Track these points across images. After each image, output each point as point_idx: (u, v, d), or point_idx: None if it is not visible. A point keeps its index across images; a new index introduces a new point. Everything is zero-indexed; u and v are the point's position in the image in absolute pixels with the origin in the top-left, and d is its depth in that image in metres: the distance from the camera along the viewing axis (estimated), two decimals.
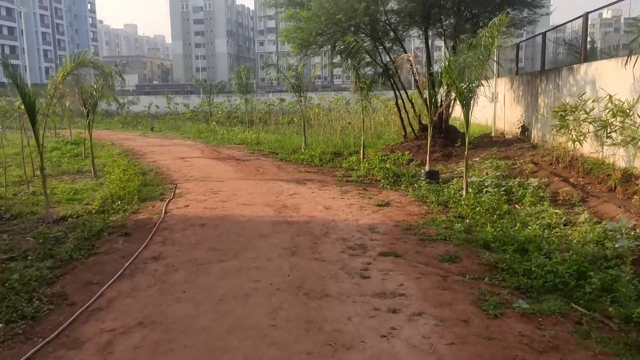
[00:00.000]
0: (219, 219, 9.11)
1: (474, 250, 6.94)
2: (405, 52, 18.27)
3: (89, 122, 15.10)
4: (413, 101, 18.58)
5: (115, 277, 6.16)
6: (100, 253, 7.33)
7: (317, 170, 15.29)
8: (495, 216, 8.48)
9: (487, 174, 12.41)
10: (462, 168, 14.36)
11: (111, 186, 12.11)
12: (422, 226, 8.23)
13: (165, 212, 9.82)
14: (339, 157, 18.10)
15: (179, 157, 19.34)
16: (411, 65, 12.58)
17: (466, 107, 10.73)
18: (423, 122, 18.31)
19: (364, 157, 16.29)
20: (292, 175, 14.28)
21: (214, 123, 31.41)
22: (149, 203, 10.88)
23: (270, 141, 23.16)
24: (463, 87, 10.71)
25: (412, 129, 18.03)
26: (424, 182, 12.11)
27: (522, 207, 9.41)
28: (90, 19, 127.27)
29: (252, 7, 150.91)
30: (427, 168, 12.61)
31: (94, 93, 14.61)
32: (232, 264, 6.56)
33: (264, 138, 24.31)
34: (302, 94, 20.81)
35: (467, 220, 8.56)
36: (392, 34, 18.13)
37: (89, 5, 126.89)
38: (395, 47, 18.67)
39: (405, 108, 17.98)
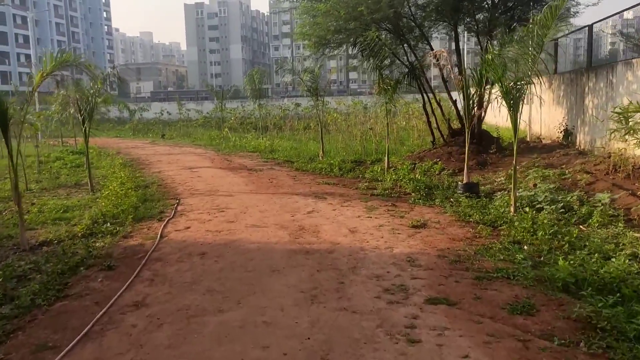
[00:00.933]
0: (223, 246, 7.57)
1: (551, 294, 5.29)
2: (432, 49, 16.66)
3: (85, 131, 13.68)
4: (441, 104, 16.94)
5: (78, 338, 4.63)
6: (71, 296, 5.82)
7: (338, 182, 13.71)
8: (565, 243, 6.80)
9: (535, 186, 10.70)
10: (501, 178, 12.69)
11: (104, 203, 10.66)
12: (474, 257, 6.58)
13: (161, 237, 8.31)
14: (361, 166, 16.53)
15: (186, 167, 17.91)
16: (445, 62, 10.95)
17: (514, 109, 9.09)
18: (453, 126, 16.65)
19: (389, 166, 14.68)
20: (310, 188, 12.71)
21: (226, 130, 30.06)
22: (145, 224, 9.39)
23: (285, 148, 21.66)
24: (510, 85, 9.07)
25: (441, 134, 16.37)
26: (462, 196, 10.49)
27: (589, 229, 7.72)
28: (105, 27, 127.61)
29: (266, 12, 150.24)
30: (464, 179, 10.95)
31: (90, 99, 13.19)
32: (233, 316, 4.99)
33: (279, 145, 22.82)
34: (319, 98, 19.30)
35: (526, 247, 6.91)
36: (416, 30, 16.54)
37: (104, 13, 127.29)
38: (420, 45, 17.07)
39: (433, 112, 16.33)
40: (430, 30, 17.03)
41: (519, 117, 9.20)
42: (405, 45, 16.20)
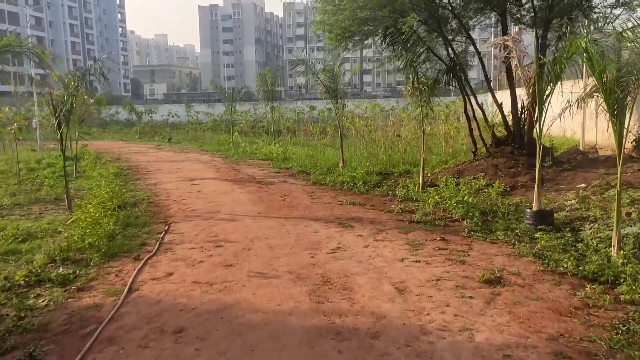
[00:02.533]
0: (212, 315, 5.16)
1: None
2: (474, 44, 14.17)
3: (61, 136, 11.38)
4: (482, 108, 14.44)
5: None
6: None
7: (364, 201, 11.28)
8: None
9: (629, 215, 8.17)
10: (572, 201, 10.17)
11: (72, 232, 8.33)
12: (610, 354, 4.11)
13: (131, 290, 5.96)
14: (388, 179, 14.13)
15: (188, 177, 15.60)
16: (510, 52, 8.45)
17: (620, 113, 6.61)
18: (497, 134, 14.14)
19: (424, 182, 12.23)
20: (332, 210, 10.30)
21: (236, 134, 27.79)
22: (117, 264, 7.06)
23: (300, 156, 19.29)
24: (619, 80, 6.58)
25: (484, 144, 13.85)
26: (531, 227, 8.04)
27: None
28: (120, 28, 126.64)
29: (280, 15, 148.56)
30: (535, 205, 8.45)
31: (67, 99, 10.91)
32: None
33: (293, 152, 20.46)
34: (338, 100, 16.91)
35: None
36: (454, 22, 14.11)
37: (119, 15, 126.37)
38: (457, 39, 14.61)
39: (474, 116, 13.82)
40: (470, 22, 14.55)
41: (576, 123, 6.72)
42: (441, 38, 13.74)
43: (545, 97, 8.10)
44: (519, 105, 13.39)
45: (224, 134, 31.78)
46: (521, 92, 14.49)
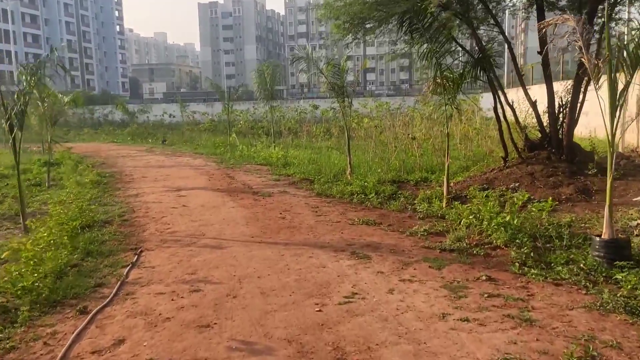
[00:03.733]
0: None
1: None
2: (502, 32, 12.26)
3: (13, 140, 9.48)
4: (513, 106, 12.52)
5: None
6: None
7: (379, 219, 9.40)
8: None
9: None
10: (637, 220, 8.29)
11: (5, 269, 6.43)
12: None
13: None
14: (403, 188, 12.32)
15: (174, 187, 13.73)
16: (579, 36, 6.52)
17: None
18: (530, 137, 12.25)
19: (449, 194, 10.36)
20: (341, 233, 8.42)
21: (233, 135, 25.93)
22: (53, 320, 5.21)
23: (302, 161, 17.40)
24: None
25: (515, 148, 11.93)
26: (601, 261, 6.19)
27: None
28: (117, 26, 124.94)
29: (282, 12, 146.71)
30: (605, 232, 6.55)
31: (18, 98, 9.02)
32: None
33: (294, 156, 18.57)
34: (345, 99, 15.01)
35: None
36: (480, 7, 12.23)
37: (116, 12, 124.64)
38: (482, 28, 12.72)
39: (504, 116, 11.89)
40: (498, 7, 12.65)
41: None
42: (465, 26, 11.86)
43: (623, 89, 6.21)
44: (557, 103, 11.52)
45: (222, 135, 29.92)
46: (557, 87, 12.63)
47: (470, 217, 8.34)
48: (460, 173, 13.70)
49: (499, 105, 11.61)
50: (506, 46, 12.18)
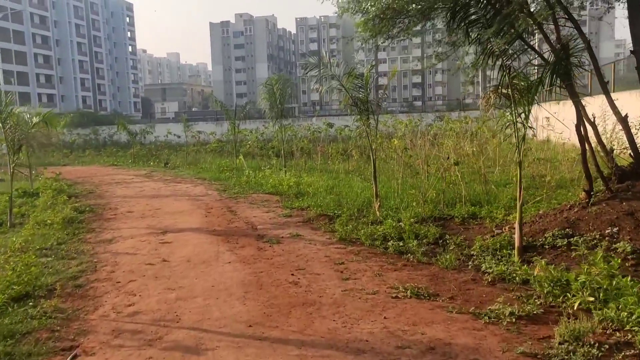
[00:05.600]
0: None
1: None
2: (578, 28, 9.47)
3: None
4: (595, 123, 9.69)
5: None
6: None
7: (431, 283, 6.62)
8: None
9: None
10: None
11: None
12: None
13: None
14: (447, 227, 9.61)
15: (161, 227, 11.05)
16: None
17: None
18: (619, 163, 9.39)
19: (522, 246, 7.55)
20: (383, 317, 5.60)
21: (241, 157, 23.30)
22: None
23: (318, 189, 14.67)
24: None
25: (601, 176, 9.05)
26: None
27: None
28: (130, 46, 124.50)
29: (293, 31, 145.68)
30: None
31: None
32: None
33: (308, 183, 15.83)
34: (370, 115, 12.33)
35: None
36: None
37: (129, 33, 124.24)
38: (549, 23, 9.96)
39: (586, 135, 9.03)
40: None
41: None
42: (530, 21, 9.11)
43: None
44: None
45: (229, 156, 27.32)
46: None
47: (585, 294, 5.48)
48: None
49: (576, 119, 8.77)
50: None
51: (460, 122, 21.99)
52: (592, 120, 9.07)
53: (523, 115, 7.60)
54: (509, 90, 7.61)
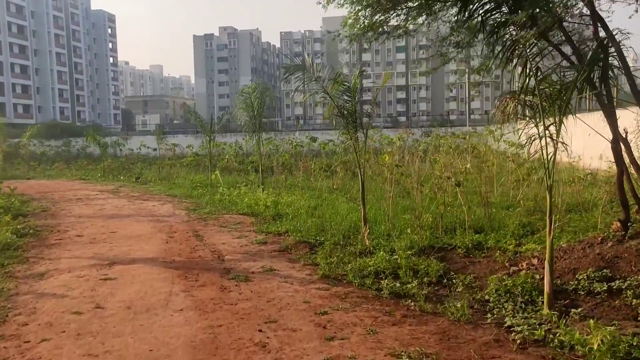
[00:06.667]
0: None
1: None
2: (606, 28, 8.02)
3: None
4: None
5: None
6: None
7: (442, 346, 4.98)
8: None
9: None
10: None
11: None
12: None
13: None
14: (450, 261, 8.05)
15: (110, 257, 9.25)
16: None
17: None
18: None
19: (552, 291, 5.96)
20: None
21: (216, 173, 21.52)
22: None
23: (298, 210, 13.01)
24: None
25: (638, 202, 7.54)
26: None
27: None
28: (111, 58, 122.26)
29: (277, 45, 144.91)
30: None
31: None
32: None
33: (288, 203, 14.16)
34: (359, 128, 10.78)
35: None
36: None
37: (110, 44, 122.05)
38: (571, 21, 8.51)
39: (621, 155, 7.53)
40: None
41: None
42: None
43: None
44: None
45: (205, 171, 25.49)
46: None
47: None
48: (529, 238, 9.32)
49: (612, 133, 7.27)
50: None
51: (457, 136, 20.58)
52: (624, 136, 7.59)
53: (552, 128, 6.05)
54: (534, 96, 6.09)
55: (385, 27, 8.49)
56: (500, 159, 18.73)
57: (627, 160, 7.69)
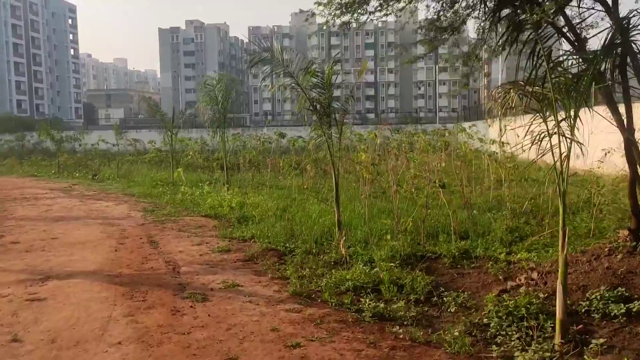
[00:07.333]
0: None
1: None
2: (616, 9, 7.17)
3: None
4: None
5: None
6: None
7: None
8: None
9: None
10: None
11: None
12: None
13: None
14: (437, 272, 7.19)
15: (45, 268, 7.96)
16: None
17: None
18: None
19: (565, 312, 5.04)
20: None
21: (179, 170, 20.13)
22: None
23: (266, 212, 11.91)
24: None
25: None
26: None
27: None
28: (72, 49, 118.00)
29: (246, 39, 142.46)
30: None
31: None
32: None
33: (255, 204, 13.03)
34: (332, 125, 9.76)
35: None
36: None
37: (71, 35, 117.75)
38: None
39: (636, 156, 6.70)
40: None
41: None
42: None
43: None
44: None
45: (168, 168, 24.01)
46: None
47: None
48: (521, 244, 8.49)
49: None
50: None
51: (436, 134, 19.78)
52: (632, 138, 6.74)
53: (565, 124, 5.12)
54: (544, 86, 5.15)
55: (365, 6, 7.48)
56: (476, 158, 18.03)
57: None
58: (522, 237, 9.08)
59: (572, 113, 5.02)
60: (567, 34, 6.37)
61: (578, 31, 6.91)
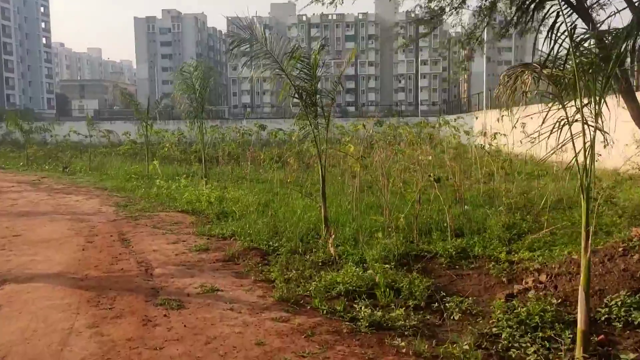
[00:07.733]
0: None
1: None
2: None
3: None
4: None
5: None
6: None
7: None
8: None
9: None
10: None
11: None
12: None
13: None
14: (434, 273, 6.64)
15: (4, 271, 7.16)
16: None
17: None
18: None
19: (588, 339, 4.49)
20: None
21: (155, 162, 19.23)
22: None
23: (247, 207, 11.20)
24: None
25: None
26: None
27: None
28: (44, 38, 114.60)
29: (224, 30, 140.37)
30: None
31: None
32: None
33: (235, 199, 12.30)
34: (320, 114, 9.15)
35: None
36: None
37: (43, 24, 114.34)
38: None
39: None
40: None
41: None
42: None
43: None
44: None
45: (143, 161, 23.05)
46: None
47: None
48: (520, 243, 7.99)
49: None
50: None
51: (422, 126, 19.26)
52: None
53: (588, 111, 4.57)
54: (566, 67, 4.59)
55: None
56: (461, 151, 17.61)
57: None
58: (520, 234, 8.60)
59: (597, 98, 4.47)
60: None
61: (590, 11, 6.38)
